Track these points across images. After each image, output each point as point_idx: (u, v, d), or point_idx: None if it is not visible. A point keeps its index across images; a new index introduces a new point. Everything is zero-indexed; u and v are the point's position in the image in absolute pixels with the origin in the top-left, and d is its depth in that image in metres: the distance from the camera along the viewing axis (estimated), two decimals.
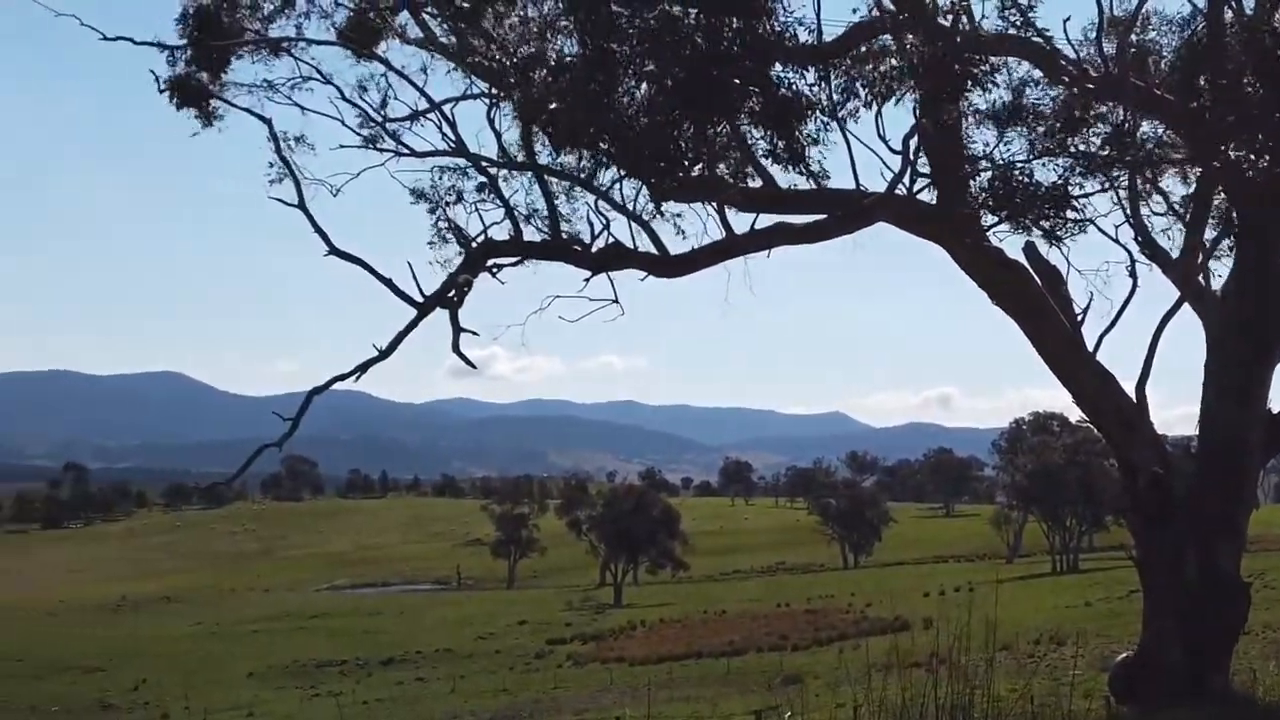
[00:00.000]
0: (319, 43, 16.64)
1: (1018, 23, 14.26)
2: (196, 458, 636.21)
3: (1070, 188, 14.30)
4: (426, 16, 16.09)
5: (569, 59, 14.47)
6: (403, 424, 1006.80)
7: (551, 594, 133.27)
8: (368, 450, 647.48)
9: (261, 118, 16.19)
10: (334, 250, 15.39)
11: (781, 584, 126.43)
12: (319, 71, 16.62)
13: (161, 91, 16.79)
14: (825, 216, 15.66)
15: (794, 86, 14.12)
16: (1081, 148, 14.67)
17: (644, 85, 14.03)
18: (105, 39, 16.08)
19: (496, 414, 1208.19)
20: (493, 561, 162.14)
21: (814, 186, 14.90)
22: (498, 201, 16.23)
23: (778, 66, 14.15)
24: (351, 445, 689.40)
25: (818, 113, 14.18)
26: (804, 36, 14.27)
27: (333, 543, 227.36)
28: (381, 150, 16.65)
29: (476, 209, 16.34)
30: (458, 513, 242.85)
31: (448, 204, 16.39)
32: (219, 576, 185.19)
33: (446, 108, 16.39)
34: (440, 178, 16.60)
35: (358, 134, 16.70)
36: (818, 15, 14.31)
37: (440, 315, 15.28)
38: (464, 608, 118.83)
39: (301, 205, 15.76)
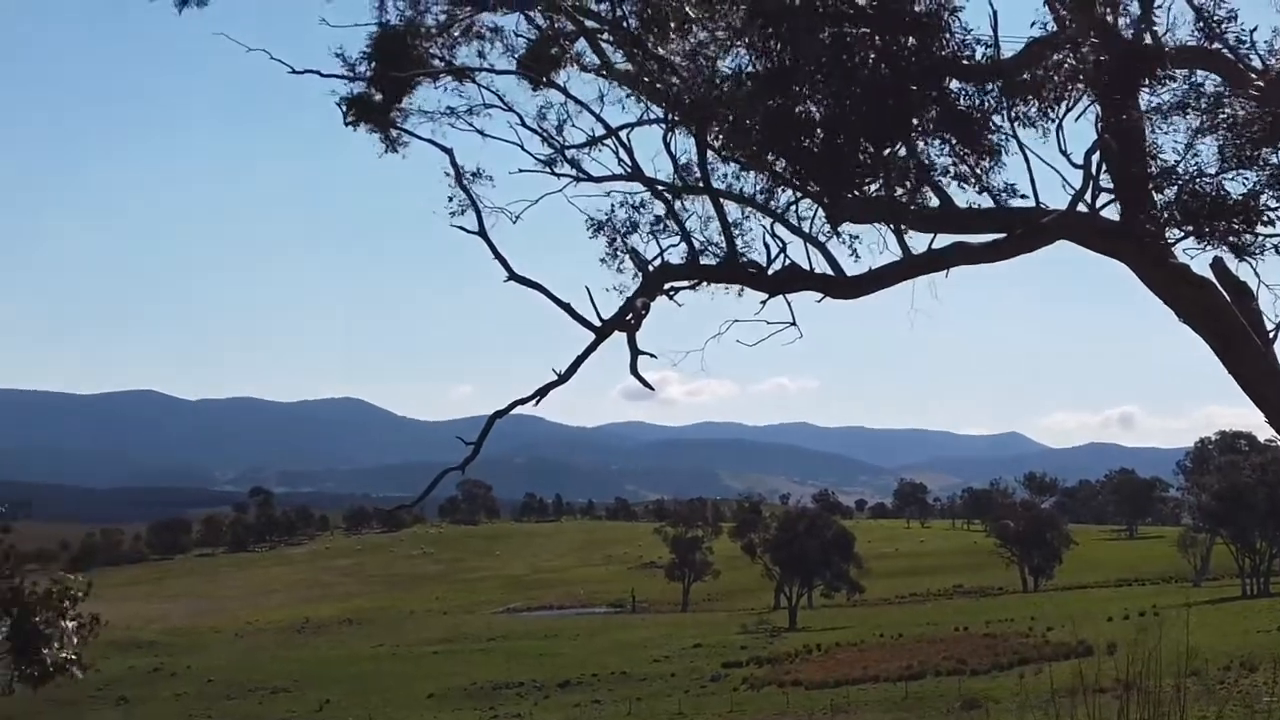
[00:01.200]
0: (500, 72, 16.97)
1: (1204, 35, 13.95)
2: (376, 482, 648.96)
3: (1262, 201, 13.92)
4: (603, 44, 16.30)
5: (744, 81, 14.50)
6: (576, 447, 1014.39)
7: (726, 617, 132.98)
8: (541, 474, 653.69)
9: (443, 148, 16.52)
10: (513, 276, 15.59)
11: (959, 607, 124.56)
12: (500, 98, 16.97)
13: (344, 117, 17.21)
14: (1004, 235, 15.43)
15: (973, 102, 14.00)
16: (1274, 160, 14.26)
17: (820, 105, 14.00)
18: (294, 72, 16.53)
19: (669, 437, 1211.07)
20: (667, 584, 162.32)
21: (992, 204, 14.72)
22: (674, 225, 16.32)
23: (955, 84, 14.04)
24: (526, 469, 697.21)
25: (997, 127, 14.04)
26: (980, 54, 14.14)
27: (509, 565, 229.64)
28: (560, 175, 16.88)
29: (653, 233, 16.48)
30: (631, 536, 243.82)
31: (624, 229, 16.55)
32: (399, 599, 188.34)
33: (623, 133, 16.54)
34: (618, 206, 16.80)
35: (537, 159, 16.97)
36: (994, 31, 14.16)
37: (613, 338, 15.40)
38: (639, 631, 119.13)
39: (482, 232, 16.03)
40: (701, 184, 15.90)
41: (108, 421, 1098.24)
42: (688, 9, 15.11)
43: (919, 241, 15.80)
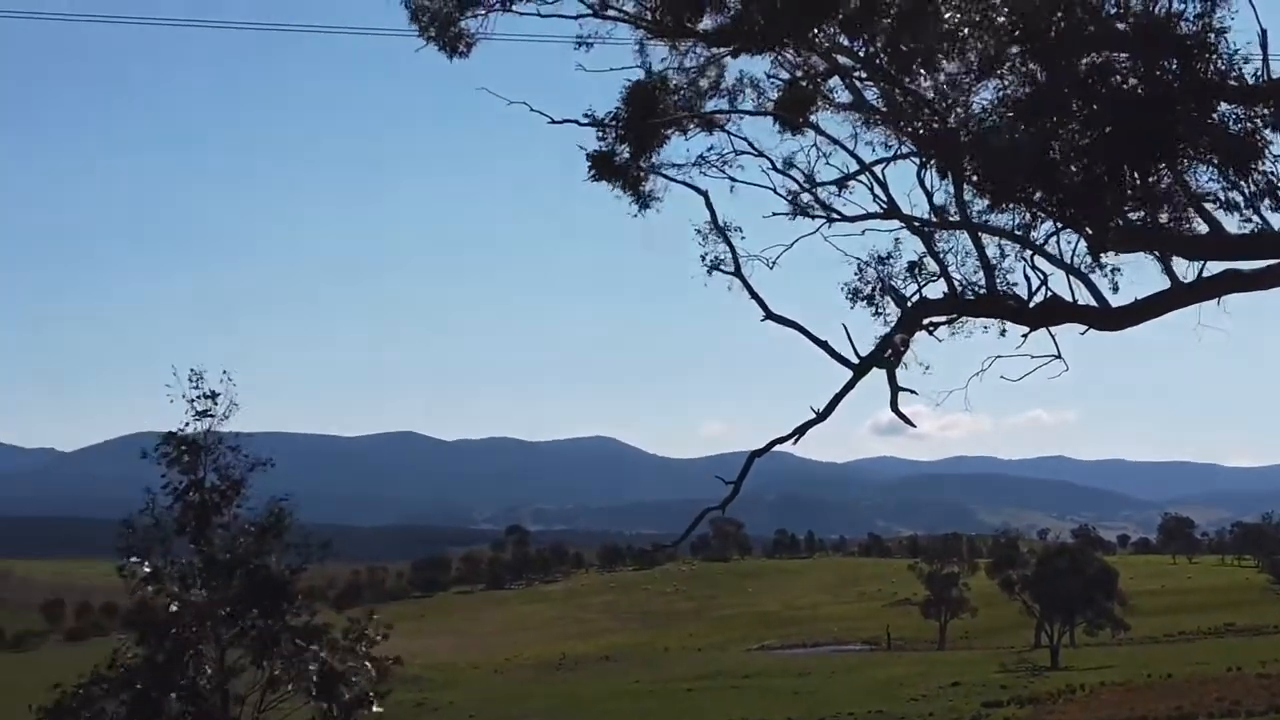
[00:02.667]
0: (752, 112, 17.13)
1: None
2: (629, 519, 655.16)
3: None
4: (856, 81, 16.31)
5: (998, 113, 14.31)
6: (826, 483, 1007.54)
7: (984, 655, 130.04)
8: (792, 510, 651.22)
9: (697, 189, 16.75)
10: (770, 315, 15.69)
11: (1230, 646, 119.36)
12: (750, 144, 17.13)
13: (590, 172, 17.53)
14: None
15: (1245, 124, 13.54)
16: None
17: (1079, 133, 13.72)
18: (553, 122, 16.96)
19: (921, 471, 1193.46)
20: (922, 621, 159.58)
21: (1266, 229, 14.19)
22: (931, 261, 16.22)
23: (1223, 106, 13.60)
24: (777, 505, 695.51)
25: (1270, 151, 13.55)
26: (1249, 74, 13.66)
27: (761, 602, 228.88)
28: (813, 217, 16.94)
29: (909, 270, 16.38)
30: (885, 572, 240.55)
31: (880, 266, 16.48)
32: (653, 636, 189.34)
33: (877, 169, 16.53)
34: (873, 244, 16.76)
35: (792, 204, 17.06)
36: (1264, 50, 13.67)
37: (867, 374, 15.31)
38: (894, 668, 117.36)
39: (738, 272, 16.20)
40: (958, 218, 15.77)
41: (370, 463, 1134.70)
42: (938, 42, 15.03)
43: (1185, 268, 15.37)
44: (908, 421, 15.60)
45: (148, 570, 21.28)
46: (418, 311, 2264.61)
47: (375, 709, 21.24)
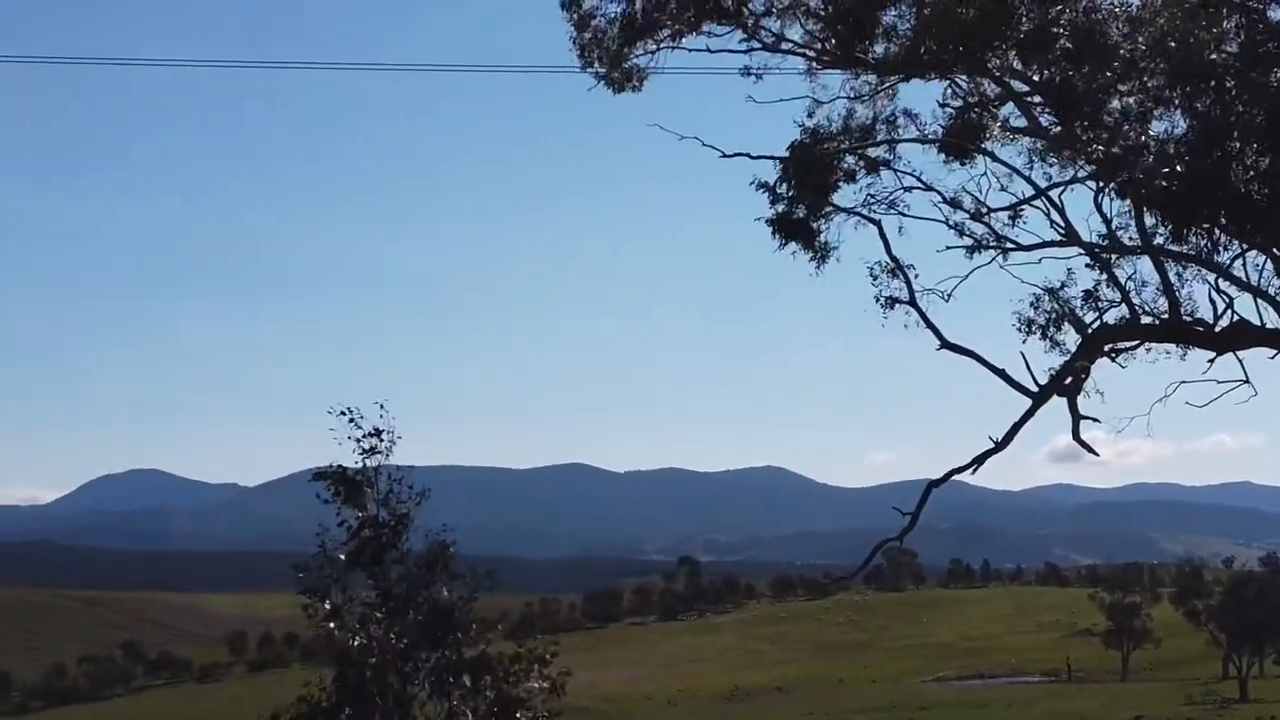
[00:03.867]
0: (921, 141, 16.98)
1: None
2: (799, 549, 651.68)
3: None
4: (1029, 106, 16.04)
5: (1179, 137, 13.96)
6: (1001, 511, 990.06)
7: (1169, 687, 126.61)
8: (966, 538, 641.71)
9: (870, 219, 16.64)
10: (946, 344, 15.49)
11: None
12: (919, 179, 16.98)
13: (774, 238, 17.55)
14: None
15: None
16: None
17: (1263, 156, 13.30)
18: (724, 156, 17.01)
19: (1099, 499, 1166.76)
20: (1104, 653, 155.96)
21: None
22: (1111, 287, 15.86)
23: None
24: (949, 534, 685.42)
25: None
26: None
27: (936, 633, 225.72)
28: (987, 247, 16.70)
29: (1087, 296, 16.03)
30: (1063, 601, 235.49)
31: (1058, 293, 16.17)
32: (827, 667, 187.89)
33: (1053, 194, 16.22)
34: (1050, 272, 16.47)
35: (964, 236, 16.86)
36: None
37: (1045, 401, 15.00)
38: (1075, 701, 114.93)
39: (912, 301, 16.04)
40: (1139, 244, 15.40)
41: (542, 495, 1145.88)
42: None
43: None
44: (1090, 450, 15.28)
45: (329, 608, 21.77)
46: (587, 343, 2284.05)
47: None
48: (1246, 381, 15.43)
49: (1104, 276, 16.03)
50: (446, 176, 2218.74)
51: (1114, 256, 15.96)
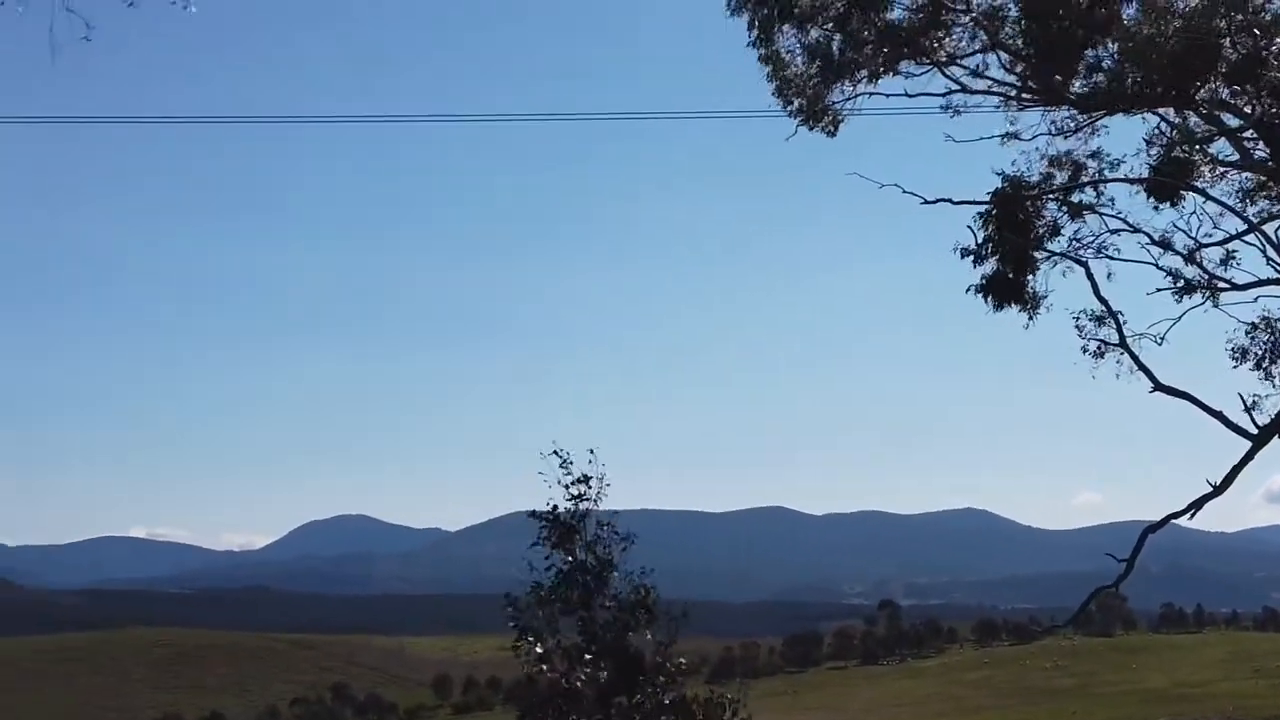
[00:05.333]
0: (1126, 180, 16.63)
1: None
2: (1002, 593, 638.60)
3: None
4: (1241, 140, 15.60)
5: None
6: (1214, 554, 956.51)
7: None
8: (1178, 582, 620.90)
9: (1078, 260, 16.34)
10: (1159, 386, 15.13)
11: None
12: (1125, 222, 16.63)
13: (987, 303, 17.36)
14: None
15: None
16: None
17: None
18: (926, 202, 16.87)
19: None
20: None
21: None
22: None
23: None
24: (1162, 577, 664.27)
25: None
26: None
27: (1147, 679, 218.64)
28: (1198, 289, 16.25)
29: None
30: None
31: (1272, 329, 15.66)
32: (1032, 713, 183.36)
33: (1269, 229, 15.75)
34: (1261, 319, 15.95)
35: (1180, 277, 16.44)
36: None
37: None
38: None
39: (1123, 344, 15.70)
40: None
41: (740, 538, 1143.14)
42: None
43: None
44: None
45: (539, 651, 22.07)
46: (784, 387, 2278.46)
47: None
48: None
49: None
50: (641, 222, 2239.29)
51: None
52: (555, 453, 23.15)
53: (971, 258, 17.34)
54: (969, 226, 17.59)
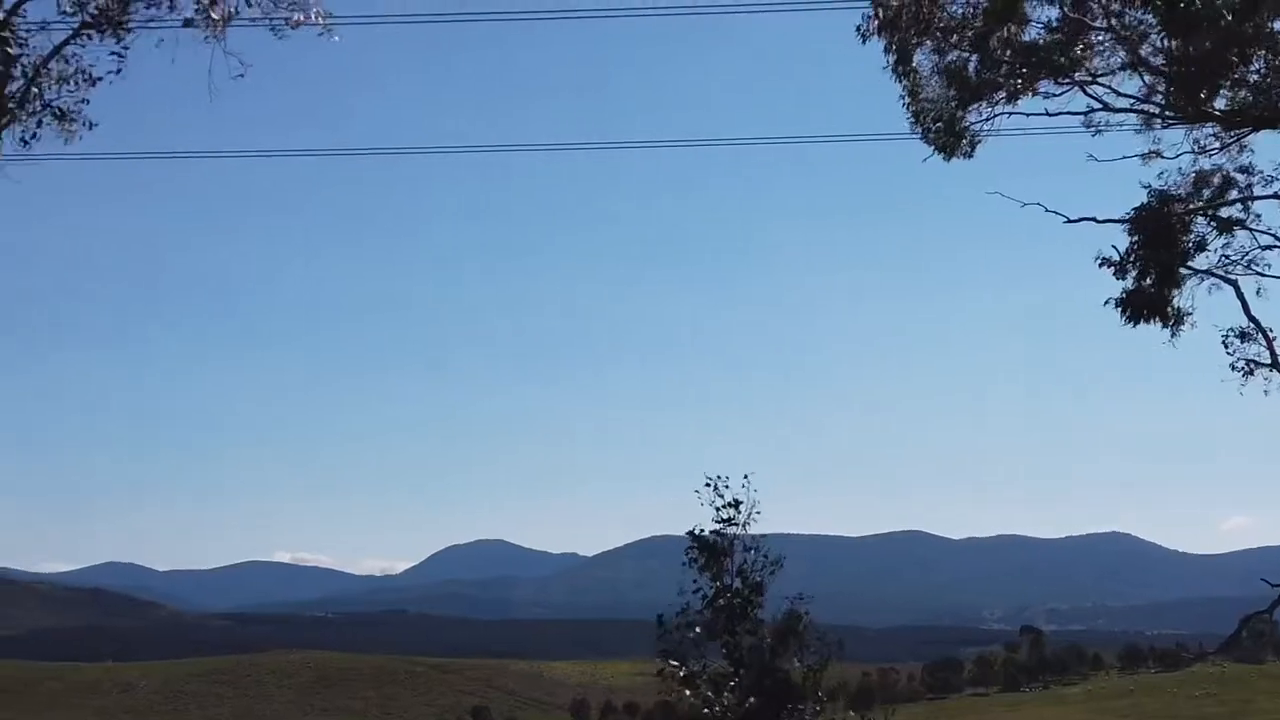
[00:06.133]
0: (1277, 197, 16.40)
1: None
2: (1148, 619, 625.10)
3: None
4: None
5: None
6: None
7: None
8: None
9: (1226, 279, 16.10)
10: None
11: None
12: (1276, 238, 16.36)
13: (1123, 318, 17.18)
14: None
15: None
16: None
17: None
18: (1069, 221, 16.77)
19: None
20: None
21: None
22: None
23: None
24: None
25: None
26: None
27: None
28: None
29: None
30: None
31: None
32: None
33: None
34: None
35: None
36: None
37: None
38: None
39: (1274, 362, 15.44)
40: None
41: (877, 563, 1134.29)
42: None
43: None
44: None
45: (684, 675, 22.17)
46: (920, 410, 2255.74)
47: None
48: None
49: None
50: (778, 247, 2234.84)
51: None
52: (709, 480, 23.25)
53: (1112, 269, 17.15)
54: (1114, 246, 17.46)
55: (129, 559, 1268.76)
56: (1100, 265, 17.16)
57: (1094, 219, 17.01)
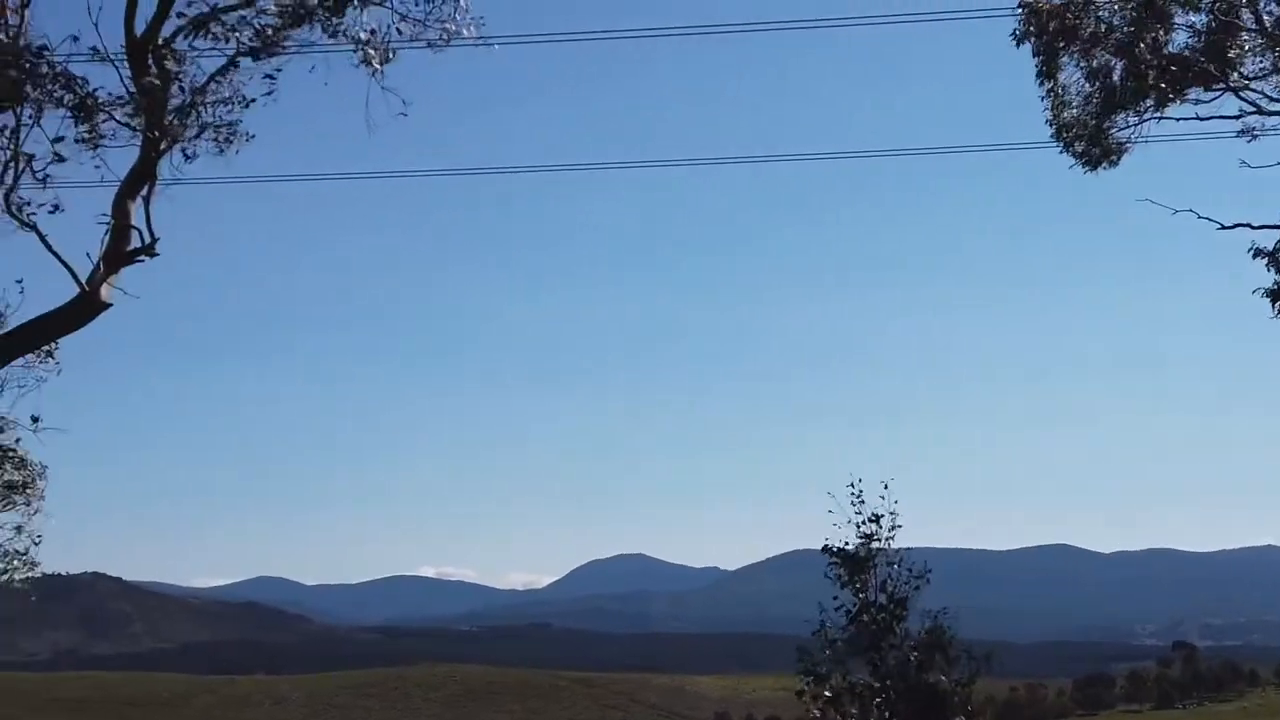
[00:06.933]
0: None
1: None
2: None
3: None
4: None
5: None
6: None
7: None
8: None
9: None
10: None
11: None
12: None
13: (1272, 302, 16.85)
14: None
15: None
16: None
17: None
18: (1223, 228, 16.46)
19: None
20: None
21: None
22: None
23: None
24: None
25: None
26: None
27: None
28: None
29: None
30: None
31: None
32: None
33: None
34: None
35: None
36: None
37: None
38: None
39: None
40: None
41: (1024, 577, 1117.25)
42: None
43: None
44: None
45: (828, 695, 22.06)
46: (1067, 422, 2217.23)
47: None
48: None
49: None
50: (920, 258, 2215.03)
51: None
52: (850, 489, 23.17)
53: (1266, 260, 16.79)
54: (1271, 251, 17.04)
55: (279, 573, 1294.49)
56: (1254, 256, 16.80)
57: (1249, 225, 16.68)
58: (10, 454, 22.33)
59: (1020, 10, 21.63)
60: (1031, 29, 21.67)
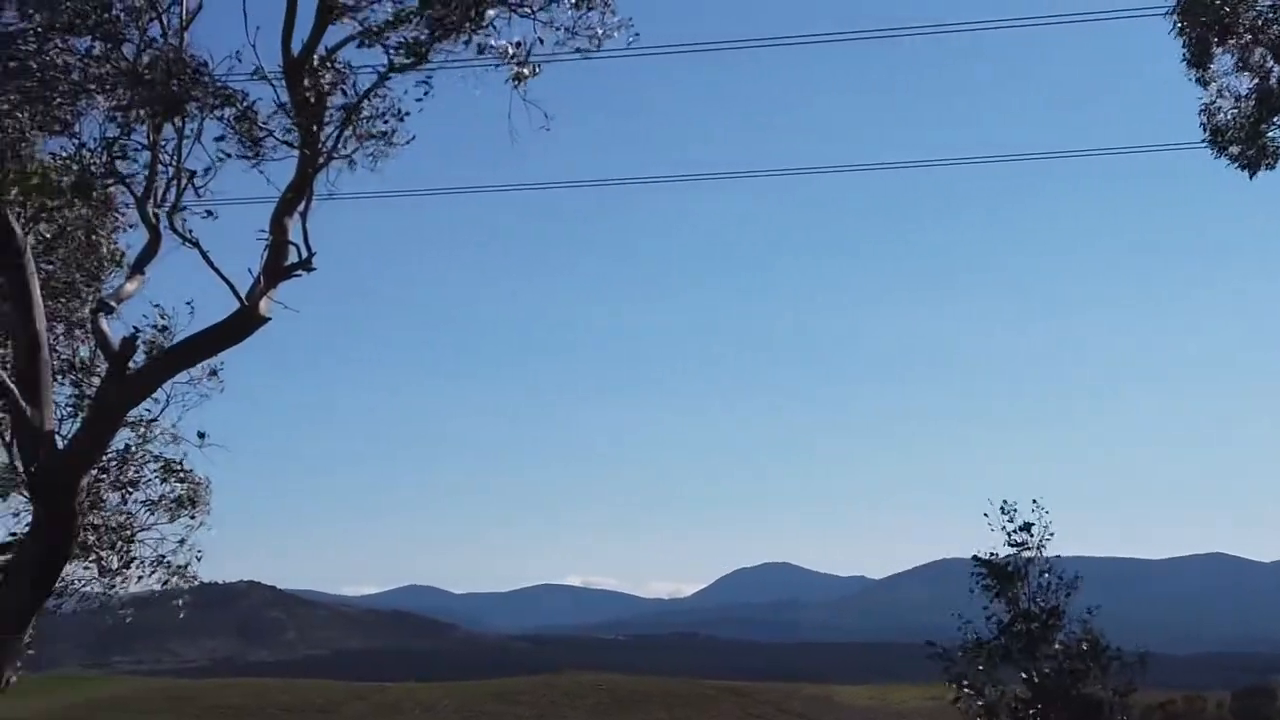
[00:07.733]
0: None
1: None
2: None
3: None
4: None
5: None
6: None
7: None
8: None
9: None
10: None
11: None
12: None
13: None
14: None
15: None
16: None
17: None
18: None
19: None
20: None
21: None
22: None
23: None
24: None
25: None
26: None
27: None
28: None
29: None
30: None
31: None
32: None
33: None
34: None
35: None
36: None
37: None
38: None
39: None
40: None
41: (1179, 587, 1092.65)
42: None
43: None
44: None
45: (980, 704, 21.88)
46: (1215, 425, 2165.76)
47: None
48: None
49: None
50: (1067, 266, 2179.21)
51: None
52: (1002, 505, 22.95)
53: None
54: None
55: (428, 582, 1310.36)
56: None
57: None
58: (177, 468, 22.99)
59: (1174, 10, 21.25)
60: (1184, 26, 21.31)
